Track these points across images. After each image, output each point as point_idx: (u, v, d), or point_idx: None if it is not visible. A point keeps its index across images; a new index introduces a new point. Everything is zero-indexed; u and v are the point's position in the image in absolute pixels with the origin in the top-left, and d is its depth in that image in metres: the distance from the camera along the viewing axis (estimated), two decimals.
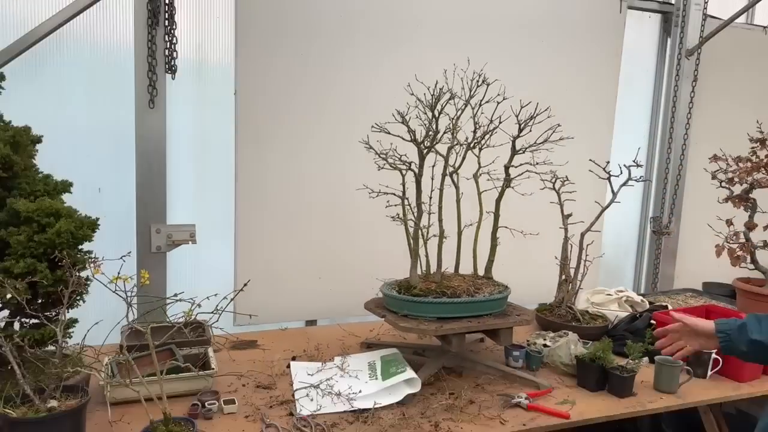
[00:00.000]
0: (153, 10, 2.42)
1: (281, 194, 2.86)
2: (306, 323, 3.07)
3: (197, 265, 2.92)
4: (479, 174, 2.40)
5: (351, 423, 1.86)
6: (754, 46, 3.81)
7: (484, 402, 2.04)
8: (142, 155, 2.58)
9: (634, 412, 2.06)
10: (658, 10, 3.67)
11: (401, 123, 2.14)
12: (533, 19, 3.22)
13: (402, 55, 2.92)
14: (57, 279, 1.67)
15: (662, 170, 3.68)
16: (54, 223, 1.65)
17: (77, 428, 1.55)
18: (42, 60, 2.55)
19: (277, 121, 2.79)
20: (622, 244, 3.93)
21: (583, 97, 3.41)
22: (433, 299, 2.15)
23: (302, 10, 2.75)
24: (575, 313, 2.80)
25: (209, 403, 1.88)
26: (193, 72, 2.79)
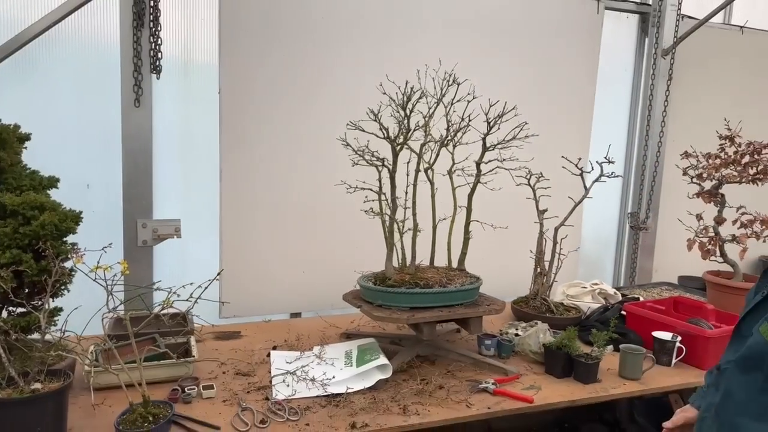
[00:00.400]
0: (138, 12, 2.52)
1: (265, 190, 2.95)
2: (291, 315, 3.16)
3: (184, 259, 3.01)
4: (453, 170, 2.49)
5: (324, 407, 1.95)
6: (731, 46, 3.90)
7: (453, 387, 2.13)
8: (129, 152, 2.67)
9: (597, 397, 2.15)
10: (636, 10, 3.76)
11: (374, 121, 2.22)
12: (511, 19, 3.31)
13: (383, 56, 3.01)
14: (41, 269, 1.76)
15: (640, 167, 3.78)
16: (38, 216, 1.74)
17: (59, 409, 1.64)
18: (32, 60, 2.64)
19: (260, 118, 2.88)
20: (602, 238, 4.03)
21: (562, 96, 3.50)
22: (406, 290, 2.24)
23: (284, 12, 2.84)
24: (549, 304, 2.90)
25: (189, 388, 1.98)
26: (179, 71, 2.88)
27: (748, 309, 1.41)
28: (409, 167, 2.39)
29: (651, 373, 2.31)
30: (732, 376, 1.36)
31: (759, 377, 1.28)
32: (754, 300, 1.39)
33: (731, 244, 2.89)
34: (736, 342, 1.43)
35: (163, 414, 1.74)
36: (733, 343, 1.45)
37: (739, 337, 1.41)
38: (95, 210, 2.80)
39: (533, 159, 2.63)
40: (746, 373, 1.31)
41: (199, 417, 1.83)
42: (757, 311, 1.37)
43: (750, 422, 1.29)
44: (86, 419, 1.80)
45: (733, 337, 1.45)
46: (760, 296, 1.36)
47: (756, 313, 1.37)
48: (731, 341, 1.47)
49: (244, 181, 2.90)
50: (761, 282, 1.42)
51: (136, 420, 1.69)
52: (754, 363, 1.29)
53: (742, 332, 1.41)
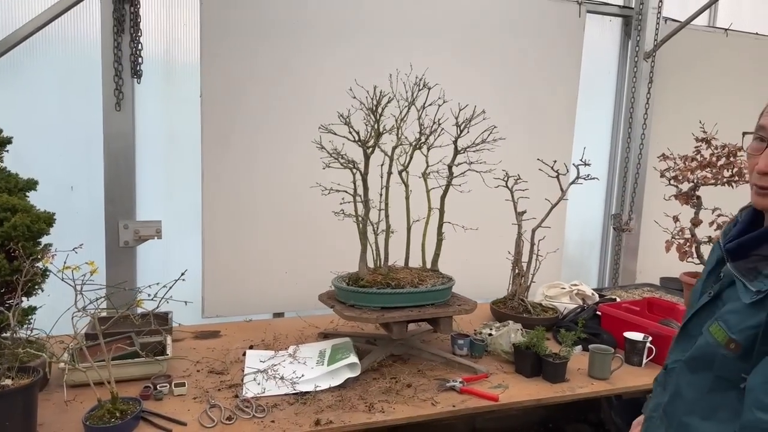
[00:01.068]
0: (118, 18, 2.57)
1: (247, 192, 3.00)
2: (273, 315, 3.21)
3: (166, 260, 3.06)
4: (427, 173, 2.53)
5: (291, 404, 1.99)
6: (715, 48, 3.93)
7: (421, 386, 2.17)
8: (110, 155, 2.73)
9: (563, 397, 2.18)
10: (619, 14, 3.79)
11: (345, 124, 2.27)
12: (492, 23, 3.35)
13: (364, 60, 3.05)
14: (14, 269, 1.81)
15: (622, 169, 3.81)
16: (11, 218, 1.80)
17: (29, 405, 1.69)
18: (17, 64, 2.69)
19: (241, 121, 2.92)
20: (586, 240, 4.06)
21: (544, 99, 3.54)
22: (377, 290, 2.28)
23: (265, 18, 2.89)
24: (527, 305, 2.93)
25: (160, 385, 2.03)
26: (162, 73, 2.94)
27: (695, 309, 1.42)
28: (383, 169, 2.44)
29: (620, 373, 2.34)
30: (681, 375, 1.36)
31: (708, 377, 1.28)
32: (701, 300, 1.38)
33: (707, 246, 2.91)
34: (683, 342, 1.42)
35: (131, 410, 1.79)
36: (680, 342, 1.44)
37: (687, 337, 1.41)
38: (79, 211, 2.87)
39: (515, 162, 2.67)
40: (695, 373, 1.32)
41: (168, 413, 1.88)
42: (703, 311, 1.37)
43: (698, 421, 1.31)
44: (57, 415, 1.85)
45: (680, 337, 1.45)
46: (707, 297, 1.36)
47: (703, 312, 1.37)
48: (678, 341, 1.46)
49: (226, 182, 2.95)
50: (707, 282, 1.43)
51: (103, 416, 1.74)
52: (704, 363, 1.29)
53: (689, 332, 1.40)
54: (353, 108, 2.33)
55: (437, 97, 2.37)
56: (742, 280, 1.23)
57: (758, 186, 1.23)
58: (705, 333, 1.30)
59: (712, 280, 1.38)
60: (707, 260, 1.46)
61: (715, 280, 1.35)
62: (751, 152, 1.25)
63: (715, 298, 1.33)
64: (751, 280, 1.21)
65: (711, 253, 1.47)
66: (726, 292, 1.30)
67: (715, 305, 1.32)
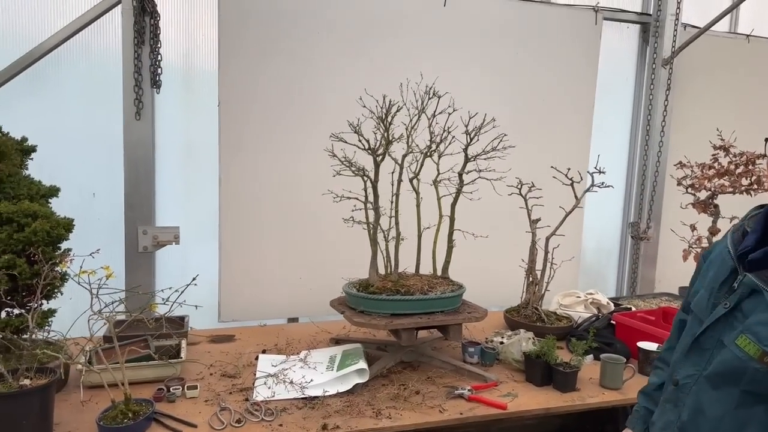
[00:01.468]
0: (138, 30, 2.65)
1: (263, 198, 3.05)
2: (288, 320, 3.25)
3: (184, 265, 3.13)
4: (438, 180, 2.55)
5: (300, 408, 2.02)
6: (736, 54, 3.87)
7: (430, 393, 2.18)
8: (130, 162, 2.81)
9: (573, 406, 2.17)
10: (637, 21, 3.76)
11: (355, 133, 2.30)
12: (509, 31, 3.36)
13: (374, 69, 3.09)
14: (34, 273, 1.88)
15: (640, 177, 3.77)
16: (31, 223, 1.87)
17: (45, 404, 1.75)
18: (42, 75, 2.80)
19: (258, 128, 2.98)
20: (604, 248, 4.02)
21: (561, 106, 3.52)
22: (387, 296, 2.30)
23: (278, 30, 2.95)
24: (540, 313, 2.92)
25: (173, 388, 2.08)
26: (181, 82, 3.02)
27: (710, 322, 1.35)
28: (393, 177, 2.46)
29: (632, 383, 2.31)
30: (702, 392, 1.33)
31: (734, 392, 1.26)
32: (716, 313, 1.34)
33: None
34: (695, 356, 1.39)
35: (144, 411, 1.84)
36: (692, 356, 1.40)
37: (700, 351, 1.37)
38: (100, 217, 2.96)
39: (530, 169, 2.75)
40: (718, 389, 1.29)
41: (180, 415, 1.92)
42: (719, 324, 1.33)
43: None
44: (73, 415, 1.91)
45: (692, 351, 1.41)
46: (723, 309, 1.32)
47: (718, 325, 1.33)
48: (688, 355, 1.41)
49: (242, 188, 3.01)
50: (719, 293, 1.37)
51: (116, 416, 1.79)
52: (730, 378, 1.27)
53: (702, 345, 1.37)
54: (363, 117, 2.36)
55: (447, 105, 2.39)
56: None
57: None
58: (731, 347, 1.27)
59: (725, 291, 1.34)
60: (711, 271, 1.43)
61: (729, 291, 1.32)
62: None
63: (732, 309, 1.30)
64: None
65: (714, 264, 1.44)
66: (746, 304, 1.28)
67: (733, 317, 1.30)
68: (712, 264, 1.45)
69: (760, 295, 1.24)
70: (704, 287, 1.43)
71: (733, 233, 1.41)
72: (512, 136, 2.71)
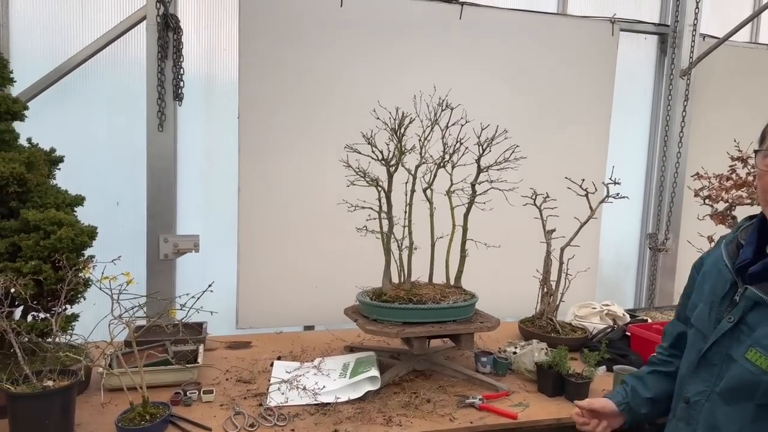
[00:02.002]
0: (162, 45, 2.75)
1: (280, 208, 3.11)
2: (304, 328, 3.30)
3: (204, 273, 3.20)
4: (452, 190, 2.58)
5: (312, 414, 2.06)
6: (757, 65, 3.83)
7: (441, 401, 2.20)
8: (153, 173, 2.90)
9: None
10: (654, 32, 3.76)
11: (368, 144, 2.35)
12: (524, 42, 3.39)
13: (390, 79, 3.14)
14: (59, 279, 1.96)
15: (658, 188, 3.74)
16: (57, 231, 1.95)
17: (67, 404, 1.81)
18: (69, 88, 2.92)
19: (275, 141, 3.06)
20: (622, 260, 3.99)
21: (578, 117, 3.53)
22: (399, 305, 2.33)
23: (297, 44, 3.02)
24: (555, 324, 2.92)
25: (190, 392, 2.13)
26: (201, 95, 3.12)
27: (716, 337, 1.34)
28: (407, 187, 2.50)
29: None
30: (715, 408, 1.32)
31: (749, 407, 1.25)
32: (721, 327, 1.33)
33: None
34: (704, 372, 1.37)
35: (160, 414, 1.90)
36: (701, 372, 1.39)
37: (708, 367, 1.36)
38: (123, 225, 3.05)
39: (547, 179, 2.80)
40: (732, 404, 1.28)
41: (195, 419, 1.98)
42: (724, 339, 1.33)
43: None
44: (94, 416, 1.98)
45: (700, 367, 1.39)
46: (728, 323, 1.31)
47: (723, 340, 1.33)
48: (696, 371, 1.40)
49: (260, 198, 3.08)
50: (720, 308, 1.36)
51: (134, 418, 1.85)
52: (744, 393, 1.26)
53: (710, 361, 1.36)
54: (377, 128, 2.41)
55: (460, 116, 2.43)
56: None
57: None
58: (741, 361, 1.26)
59: (727, 305, 1.34)
60: (708, 285, 1.43)
61: (731, 305, 1.32)
62: (766, 169, 1.25)
63: (737, 323, 1.30)
64: None
65: (709, 277, 1.43)
66: (750, 317, 1.27)
67: (739, 331, 1.30)
68: (706, 277, 1.45)
69: (765, 307, 1.23)
70: (703, 301, 1.43)
71: (726, 246, 1.40)
72: (528, 146, 2.74)
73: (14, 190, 2.00)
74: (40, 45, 2.87)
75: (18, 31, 2.86)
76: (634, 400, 1.65)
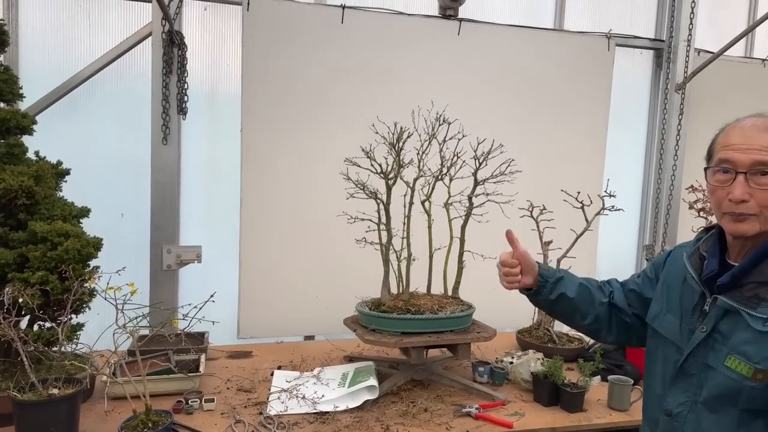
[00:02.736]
0: (167, 61, 2.82)
1: (282, 220, 3.17)
2: (305, 338, 3.34)
3: (206, 283, 3.25)
4: (450, 203, 2.63)
5: (311, 423, 2.10)
6: (751, 79, 3.89)
7: (438, 410, 2.24)
8: (157, 185, 2.96)
9: (579, 426, 2.20)
10: (649, 47, 3.82)
11: (367, 158, 2.41)
12: (520, 57, 3.45)
13: (389, 94, 3.20)
14: (65, 289, 2.01)
15: (654, 200, 3.79)
16: (64, 242, 2.00)
17: (72, 412, 1.86)
18: (76, 102, 2.99)
19: (277, 154, 3.11)
20: (619, 272, 3.97)
21: (574, 131, 3.59)
22: (397, 315, 2.38)
23: (300, 58, 3.09)
24: (552, 335, 2.96)
25: (192, 400, 2.18)
26: (205, 109, 3.18)
27: (692, 348, 1.37)
28: (405, 200, 2.55)
29: (639, 404, 2.32)
30: (700, 418, 1.34)
31: (733, 412, 1.28)
32: (695, 338, 1.36)
33: None
34: (683, 383, 1.40)
35: (162, 422, 1.94)
36: (679, 383, 1.41)
37: (686, 377, 1.39)
38: (127, 236, 3.11)
39: (544, 192, 2.90)
40: (717, 412, 1.31)
41: (196, 426, 2.02)
42: (699, 349, 1.36)
43: None
44: (98, 424, 2.02)
45: (677, 379, 1.42)
46: (701, 333, 1.35)
47: (699, 350, 1.36)
48: (675, 382, 1.42)
49: (262, 210, 3.13)
50: (692, 319, 1.40)
51: (137, 426, 1.89)
52: (727, 399, 1.29)
53: (687, 371, 1.38)
54: (376, 142, 2.47)
55: (457, 131, 2.49)
56: (745, 310, 1.26)
57: (735, 214, 1.28)
58: (721, 369, 1.29)
59: (697, 315, 1.38)
60: (673, 294, 1.47)
61: (701, 315, 1.36)
62: (718, 185, 1.32)
63: (711, 332, 1.33)
64: (755, 308, 1.25)
65: (673, 288, 1.48)
66: (722, 325, 1.31)
67: (713, 339, 1.33)
68: (672, 288, 1.49)
69: (736, 315, 1.28)
70: (671, 312, 1.47)
71: (689, 258, 1.44)
72: (524, 160, 2.79)
73: (23, 203, 2.05)
74: (48, 60, 2.95)
75: (26, 46, 2.93)
76: (553, 285, 1.76)
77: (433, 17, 3.31)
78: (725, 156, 1.31)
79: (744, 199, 1.26)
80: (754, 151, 1.27)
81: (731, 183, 1.29)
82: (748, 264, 1.30)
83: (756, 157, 1.26)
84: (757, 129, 1.30)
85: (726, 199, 1.29)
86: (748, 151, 1.27)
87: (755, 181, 1.26)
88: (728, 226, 1.32)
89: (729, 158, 1.30)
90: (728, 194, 1.29)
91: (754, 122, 1.32)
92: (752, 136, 1.29)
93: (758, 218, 1.27)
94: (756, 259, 1.29)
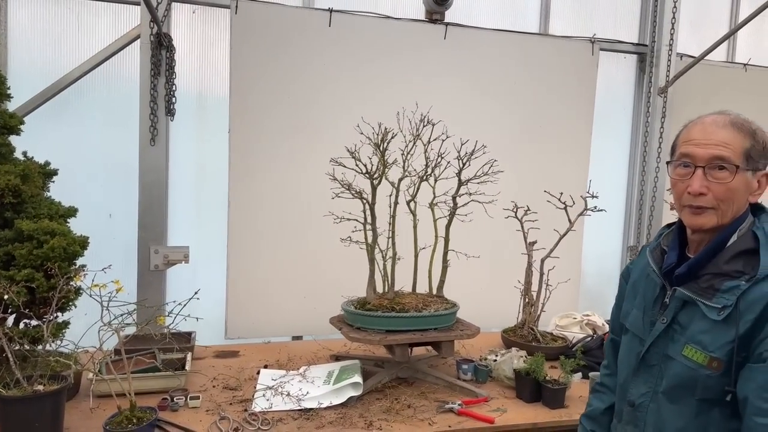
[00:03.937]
0: (155, 63, 2.85)
1: (269, 220, 3.19)
2: (293, 338, 3.36)
3: (194, 284, 3.24)
4: (435, 203, 2.67)
5: (295, 419, 2.12)
6: (733, 83, 3.96)
7: (422, 407, 2.27)
8: (144, 185, 2.98)
9: (560, 422, 2.23)
10: (633, 51, 3.88)
11: (352, 158, 2.44)
12: (505, 60, 3.50)
13: (375, 96, 3.24)
14: (51, 287, 2.03)
15: (638, 202, 3.85)
16: (50, 240, 2.02)
17: (57, 408, 1.88)
18: (65, 103, 3.00)
19: (264, 155, 3.14)
20: (604, 272, 4.07)
21: (559, 134, 3.64)
22: (382, 313, 2.41)
23: (287, 61, 3.13)
24: (536, 333, 2.99)
25: (177, 397, 2.19)
26: (193, 110, 3.21)
27: (652, 339, 1.40)
28: (391, 200, 2.59)
29: None
30: (661, 408, 1.37)
31: (691, 402, 1.30)
32: (656, 329, 1.39)
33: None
34: (644, 374, 1.42)
35: (147, 418, 1.95)
36: (641, 375, 1.43)
37: (647, 368, 1.41)
38: (116, 236, 3.12)
39: (529, 193, 2.97)
40: (676, 402, 1.34)
41: (181, 423, 2.04)
42: (659, 340, 1.39)
43: None
44: (82, 420, 2.04)
45: (640, 370, 1.44)
46: (662, 324, 1.38)
47: (659, 341, 1.39)
48: (636, 374, 1.45)
49: (250, 210, 3.15)
50: (653, 311, 1.43)
51: (121, 422, 1.90)
52: (685, 389, 1.31)
53: (649, 362, 1.41)
54: (361, 143, 2.50)
55: (441, 132, 2.53)
56: (702, 301, 1.30)
57: (694, 206, 1.33)
58: (679, 358, 1.33)
59: (659, 307, 1.42)
60: (639, 291, 1.50)
61: (662, 307, 1.40)
62: (678, 178, 1.36)
63: (670, 323, 1.37)
64: (710, 298, 1.29)
65: (639, 285, 1.51)
66: (681, 316, 1.35)
67: (672, 330, 1.37)
68: (637, 285, 1.53)
69: (694, 305, 1.32)
70: (636, 307, 1.50)
71: (651, 252, 1.49)
72: (509, 161, 2.84)
73: (9, 201, 2.07)
74: (36, 62, 2.97)
75: (16, 48, 2.95)
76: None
77: (419, 21, 3.36)
78: (686, 150, 1.35)
79: (702, 192, 1.30)
80: (712, 146, 1.31)
81: (690, 176, 1.33)
82: (703, 256, 1.34)
83: (714, 152, 1.31)
84: (717, 125, 1.34)
85: (685, 192, 1.34)
86: (707, 146, 1.32)
87: (713, 175, 1.31)
88: (687, 218, 1.36)
89: (689, 153, 1.34)
90: (687, 187, 1.33)
91: (714, 119, 1.36)
92: (712, 132, 1.33)
93: (716, 211, 1.32)
94: (711, 251, 1.33)
